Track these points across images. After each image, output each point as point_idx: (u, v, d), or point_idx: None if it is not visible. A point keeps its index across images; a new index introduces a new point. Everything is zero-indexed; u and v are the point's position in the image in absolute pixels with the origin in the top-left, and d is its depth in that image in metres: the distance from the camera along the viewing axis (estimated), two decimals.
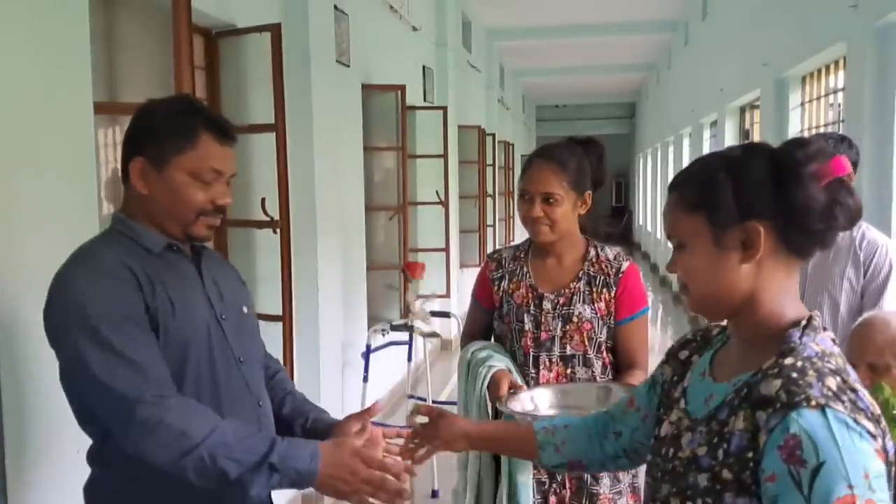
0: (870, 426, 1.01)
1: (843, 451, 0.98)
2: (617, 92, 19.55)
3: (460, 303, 8.88)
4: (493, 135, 10.98)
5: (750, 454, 1.05)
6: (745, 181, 1.13)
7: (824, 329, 1.16)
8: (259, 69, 3.62)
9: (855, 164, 2.83)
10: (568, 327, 2.10)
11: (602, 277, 2.12)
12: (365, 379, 4.57)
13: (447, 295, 7.16)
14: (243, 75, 3.76)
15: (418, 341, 5.13)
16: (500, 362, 2.07)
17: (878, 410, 1.06)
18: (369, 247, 5.67)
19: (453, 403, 2.32)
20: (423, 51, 7.49)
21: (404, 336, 4.94)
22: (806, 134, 5.38)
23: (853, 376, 1.09)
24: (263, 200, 3.34)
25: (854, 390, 1.05)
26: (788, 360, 1.08)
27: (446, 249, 7.06)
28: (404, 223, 5.98)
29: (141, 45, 3.12)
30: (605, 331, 2.11)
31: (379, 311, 6.12)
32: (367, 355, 4.61)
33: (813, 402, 1.01)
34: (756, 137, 7.43)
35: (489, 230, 10.50)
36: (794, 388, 1.03)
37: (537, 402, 1.95)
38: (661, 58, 14.33)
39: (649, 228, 17.24)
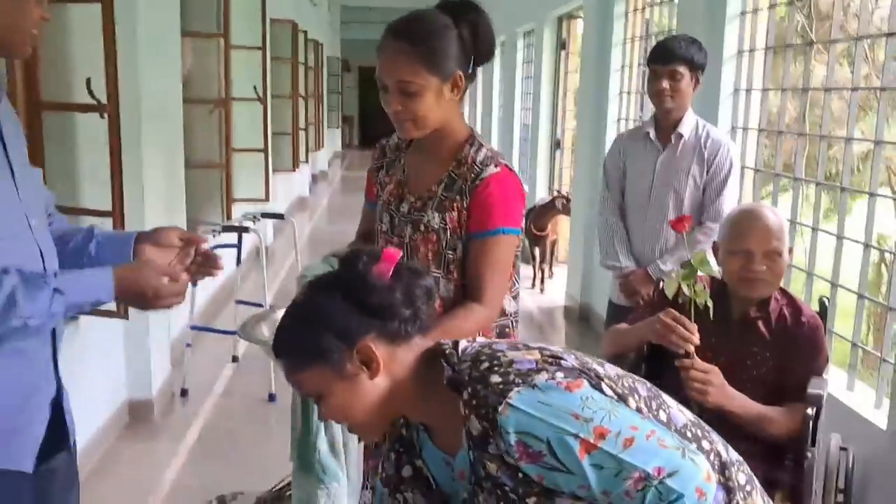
0: (541, 377, 1.14)
1: (545, 419, 1.11)
2: None
3: (281, 208, 8.58)
4: (306, 32, 10.50)
5: (520, 475, 1.14)
6: (332, 322, 1.22)
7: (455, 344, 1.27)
8: None
9: (702, 67, 2.96)
10: (416, 236, 1.82)
11: (460, 183, 1.78)
12: (193, 283, 4.27)
13: (266, 199, 6.84)
14: None
15: (247, 244, 4.88)
16: (319, 272, 1.84)
17: (534, 354, 1.19)
18: (185, 144, 5.25)
19: None
20: None
21: (231, 238, 4.69)
22: (629, 45, 5.59)
23: (497, 348, 1.22)
24: (89, 81, 2.95)
25: (507, 363, 1.17)
26: (465, 394, 1.17)
27: (265, 150, 6.72)
28: (226, 119, 5.58)
29: None
30: (459, 247, 1.80)
31: (197, 213, 5.74)
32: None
33: (500, 408, 1.12)
34: (573, 48, 7.65)
35: (301, 134, 10.13)
36: (481, 411, 1.14)
37: None
38: None
39: None
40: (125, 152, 3.16)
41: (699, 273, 2.01)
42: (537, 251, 6.84)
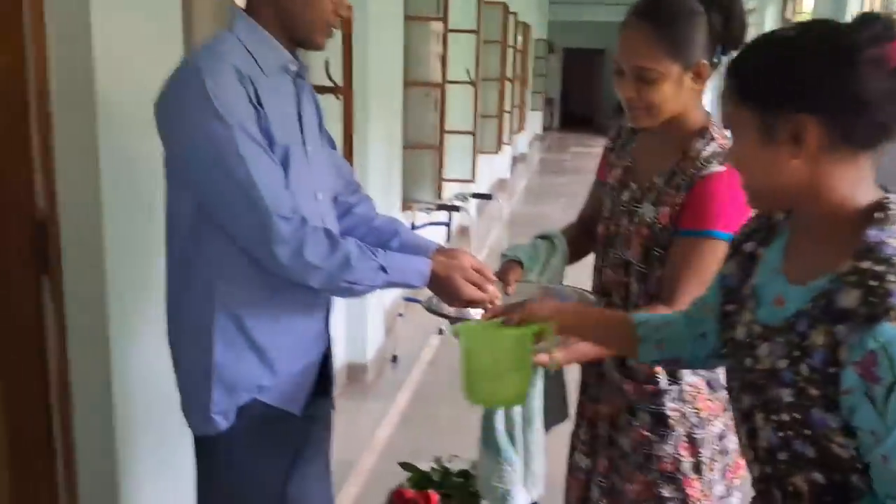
0: None
1: None
2: None
3: (482, 189, 8.79)
4: (515, 14, 10.60)
5: (833, 369, 0.99)
6: (796, 68, 1.03)
7: None
8: None
9: None
10: (631, 227, 1.72)
11: (680, 177, 1.65)
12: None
13: (472, 180, 7.04)
14: None
15: (454, 223, 5.07)
16: (521, 252, 1.85)
17: None
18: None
19: None
20: None
21: (441, 216, 4.89)
22: None
23: None
24: (327, 63, 3.19)
25: None
26: (866, 264, 1.00)
27: (473, 132, 6.90)
28: (441, 102, 5.79)
29: None
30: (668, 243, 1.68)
31: (408, 192, 6.01)
32: None
33: (893, 315, 0.94)
34: None
35: (505, 116, 10.26)
36: (873, 300, 0.97)
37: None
38: None
39: None
40: (353, 132, 3.38)
41: None
42: None
